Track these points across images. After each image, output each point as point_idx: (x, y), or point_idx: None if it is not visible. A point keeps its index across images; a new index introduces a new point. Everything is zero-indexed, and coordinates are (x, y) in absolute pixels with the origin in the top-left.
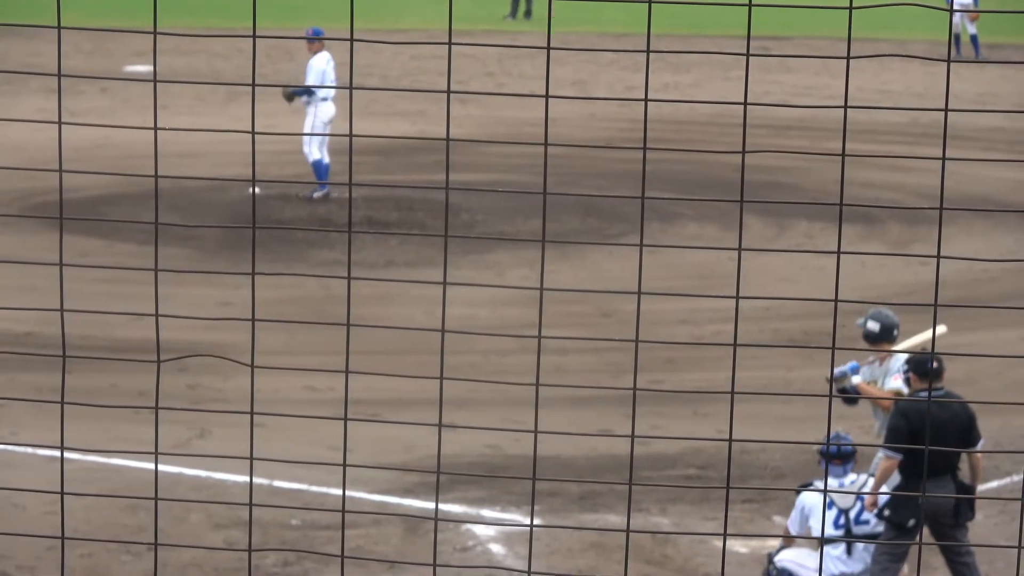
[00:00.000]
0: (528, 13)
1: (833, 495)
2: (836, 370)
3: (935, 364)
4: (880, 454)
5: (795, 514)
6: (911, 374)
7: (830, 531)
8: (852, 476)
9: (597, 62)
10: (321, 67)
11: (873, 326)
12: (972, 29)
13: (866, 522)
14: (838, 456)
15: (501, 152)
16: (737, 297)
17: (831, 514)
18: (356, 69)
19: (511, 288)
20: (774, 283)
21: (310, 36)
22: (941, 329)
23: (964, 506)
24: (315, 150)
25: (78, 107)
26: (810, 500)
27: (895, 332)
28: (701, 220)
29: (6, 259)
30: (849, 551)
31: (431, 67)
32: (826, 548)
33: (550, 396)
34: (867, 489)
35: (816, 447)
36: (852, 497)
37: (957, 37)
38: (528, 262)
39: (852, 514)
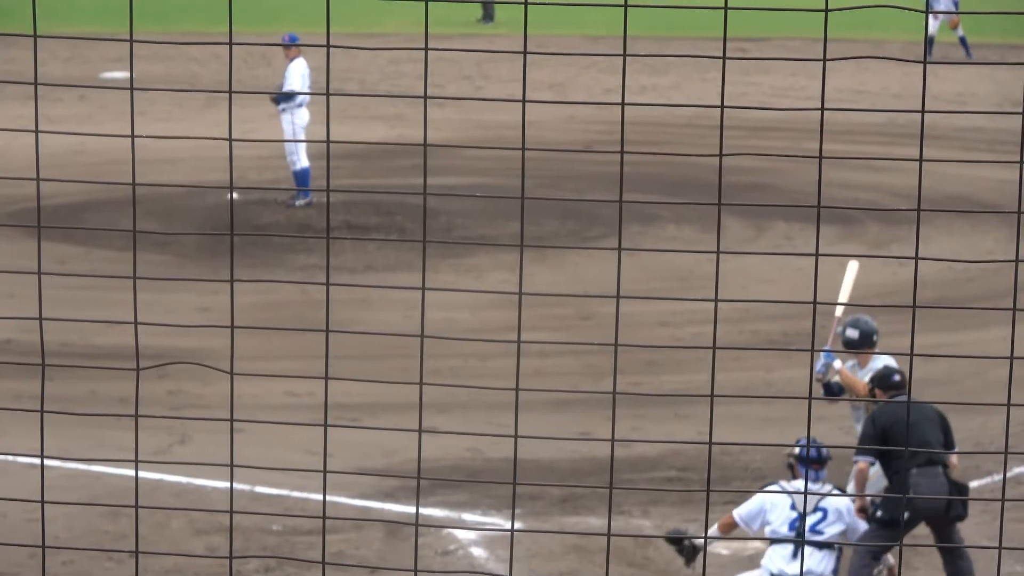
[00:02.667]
0: (490, 17)
1: (797, 500)
2: (817, 365)
3: (897, 377)
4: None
5: (752, 508)
6: (876, 389)
7: (784, 531)
8: (824, 484)
9: (576, 64)
10: (301, 72)
11: (852, 333)
12: (959, 32)
13: (820, 533)
14: (817, 460)
15: (480, 155)
16: (716, 300)
17: (791, 515)
18: (334, 73)
19: (491, 292)
20: (753, 284)
21: (286, 42)
22: (853, 266)
23: (956, 501)
24: (304, 158)
25: (56, 114)
26: (772, 499)
27: (874, 338)
28: (680, 222)
29: None
30: (795, 553)
31: (409, 70)
32: (775, 547)
33: (531, 399)
34: (836, 499)
35: (792, 451)
36: (813, 505)
37: (932, 39)
38: (508, 265)
39: (810, 522)
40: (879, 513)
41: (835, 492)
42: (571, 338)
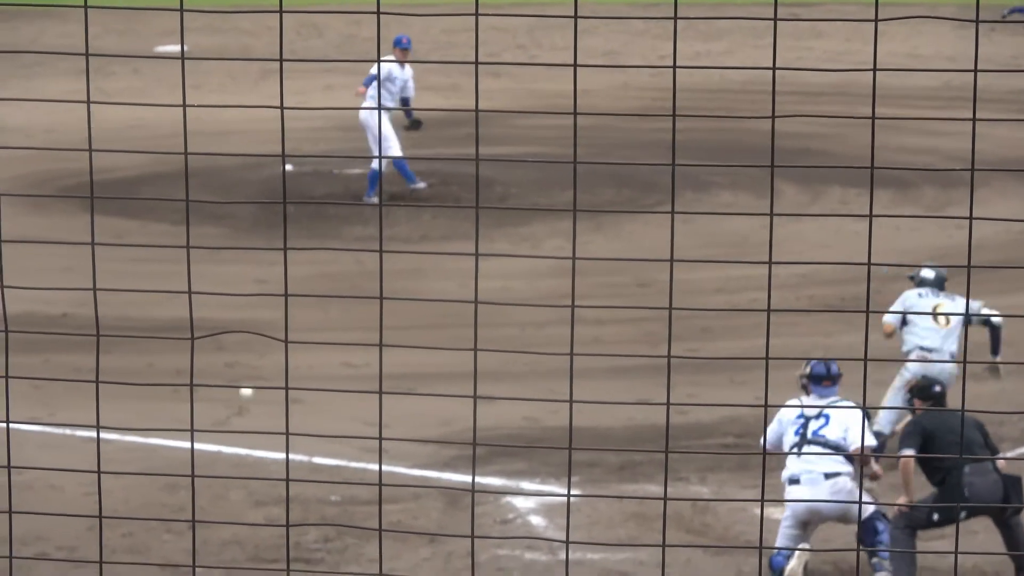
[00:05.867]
0: None
1: (805, 409)
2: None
3: (938, 388)
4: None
5: (773, 428)
6: (915, 400)
7: (792, 438)
8: (835, 397)
9: (629, 31)
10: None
11: (928, 273)
12: None
13: (822, 437)
14: (827, 376)
15: (535, 124)
16: (770, 263)
17: (799, 422)
18: (387, 43)
19: (545, 259)
20: (810, 249)
21: (404, 46)
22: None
23: (1012, 495)
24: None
25: (110, 87)
26: (783, 416)
27: (944, 282)
28: (735, 188)
29: (41, 240)
30: (799, 455)
31: (462, 40)
32: (789, 457)
33: (587, 367)
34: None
35: (804, 371)
36: (818, 412)
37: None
38: (563, 233)
39: (812, 426)
40: (935, 516)
41: (842, 403)
42: (628, 305)
